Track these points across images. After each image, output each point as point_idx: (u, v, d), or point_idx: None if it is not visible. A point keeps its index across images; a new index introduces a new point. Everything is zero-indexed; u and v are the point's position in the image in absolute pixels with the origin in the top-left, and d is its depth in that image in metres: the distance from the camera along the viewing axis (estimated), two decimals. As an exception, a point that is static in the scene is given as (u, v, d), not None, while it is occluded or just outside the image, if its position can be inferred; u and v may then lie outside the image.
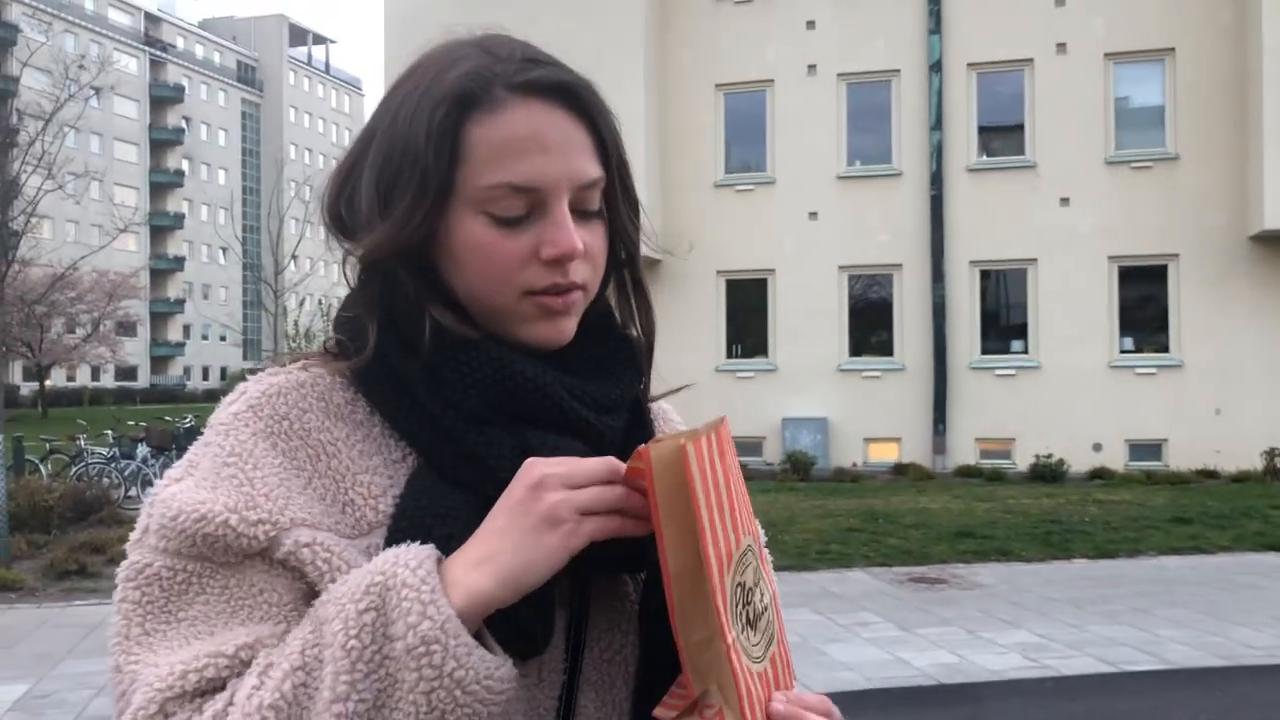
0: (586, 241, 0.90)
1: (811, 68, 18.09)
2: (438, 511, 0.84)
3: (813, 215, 18.03)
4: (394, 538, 0.83)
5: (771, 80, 18.24)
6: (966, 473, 16.57)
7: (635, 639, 0.91)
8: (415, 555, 0.78)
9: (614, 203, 0.94)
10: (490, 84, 0.88)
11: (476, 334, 0.90)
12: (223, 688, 0.80)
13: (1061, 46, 17.22)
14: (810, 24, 18.11)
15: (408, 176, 0.88)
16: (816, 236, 17.93)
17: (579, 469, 0.80)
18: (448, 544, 0.81)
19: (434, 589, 0.76)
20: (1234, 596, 8.74)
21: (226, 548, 0.83)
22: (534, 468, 0.80)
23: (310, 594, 0.83)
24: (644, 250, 1.04)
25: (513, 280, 0.89)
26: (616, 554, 0.86)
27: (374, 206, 0.90)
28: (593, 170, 0.90)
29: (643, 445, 0.78)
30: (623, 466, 0.80)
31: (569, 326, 0.92)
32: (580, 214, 0.90)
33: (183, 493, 0.84)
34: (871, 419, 17.55)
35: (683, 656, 0.78)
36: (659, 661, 0.86)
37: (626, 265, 1.00)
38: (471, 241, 0.88)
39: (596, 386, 0.93)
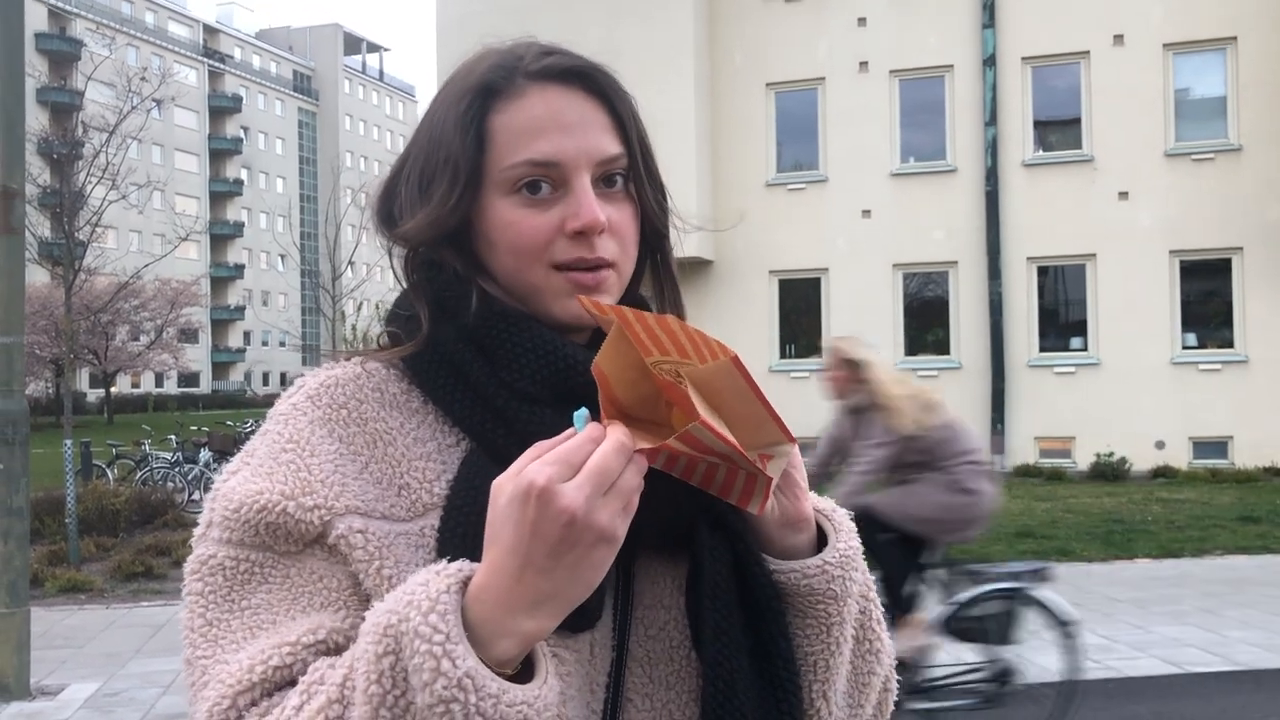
0: (612, 217, 0.93)
1: (863, 65, 17.96)
2: (487, 493, 0.84)
3: (866, 213, 17.89)
4: (449, 518, 0.86)
5: (823, 78, 18.13)
6: (1025, 472, 16.35)
7: (680, 616, 0.92)
8: (430, 593, 0.74)
9: (638, 181, 0.97)
10: (511, 75, 0.94)
11: (515, 307, 0.94)
12: (290, 678, 0.81)
13: (1119, 38, 16.93)
14: (862, 21, 17.97)
15: (441, 166, 0.94)
16: (870, 235, 17.79)
17: (603, 474, 0.75)
18: None
19: (448, 637, 0.73)
20: (1304, 597, 8.53)
21: (287, 535, 0.86)
22: (560, 495, 0.74)
23: (356, 584, 0.85)
24: (694, 251, 1.05)
25: (540, 254, 0.92)
26: (661, 533, 0.89)
27: (414, 197, 0.96)
28: (612, 147, 0.94)
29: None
30: (613, 434, 0.77)
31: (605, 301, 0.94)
32: (604, 192, 0.94)
33: (241, 484, 0.87)
34: (928, 418, 17.37)
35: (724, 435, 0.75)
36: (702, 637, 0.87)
37: (654, 245, 1.02)
38: (501, 221, 0.93)
39: None
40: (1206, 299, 16.79)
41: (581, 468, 0.75)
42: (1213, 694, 6.27)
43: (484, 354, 0.92)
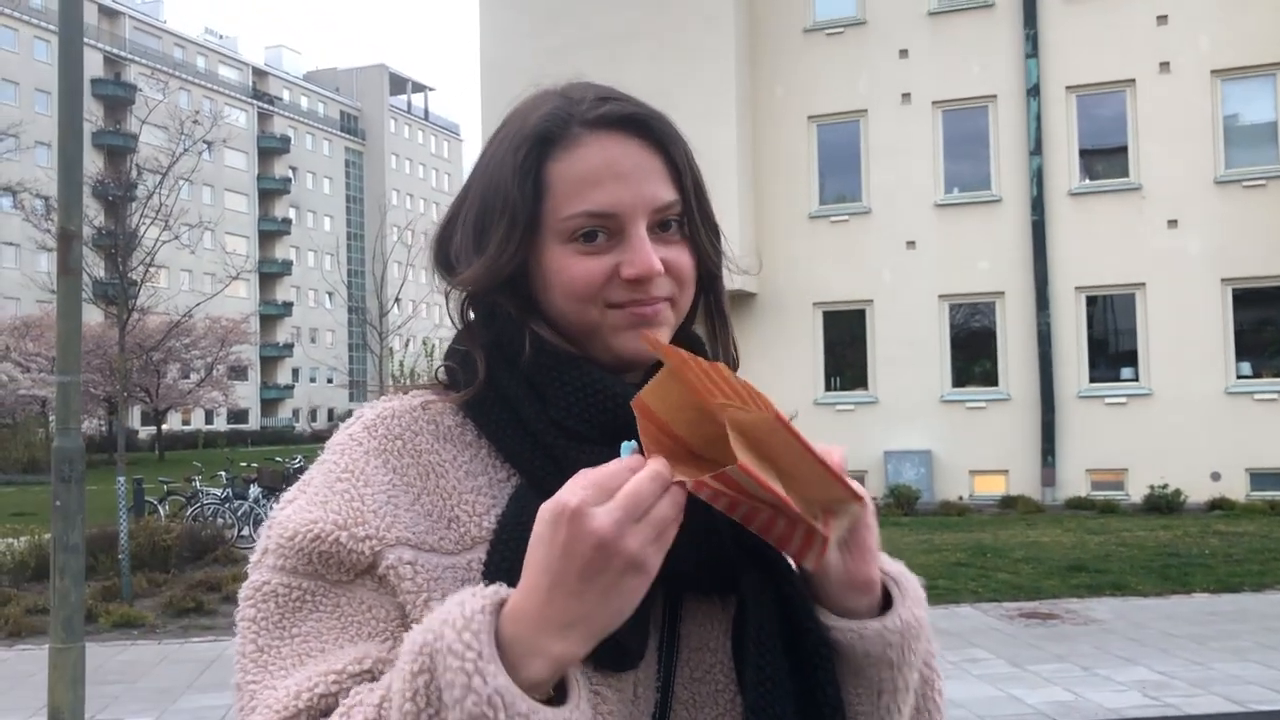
0: (668, 259, 0.95)
1: (906, 96, 17.94)
2: None
3: (910, 244, 17.81)
4: (496, 551, 0.88)
5: (865, 110, 18.13)
6: (1077, 505, 16.08)
7: (727, 660, 0.92)
8: (465, 612, 0.76)
9: (692, 225, 0.98)
10: (568, 123, 0.95)
11: (568, 349, 0.95)
12: (335, 706, 0.83)
13: (1165, 65, 16.79)
14: (903, 53, 17.97)
15: (499, 214, 0.95)
16: (915, 266, 17.69)
17: (635, 500, 0.76)
18: None
19: (480, 654, 0.74)
20: (1371, 632, 8.29)
21: (339, 564, 0.88)
22: (591, 518, 0.75)
23: (403, 615, 0.87)
24: (738, 284, 1.05)
25: (595, 296, 0.94)
26: (707, 576, 0.90)
27: (470, 243, 0.98)
28: (667, 194, 0.95)
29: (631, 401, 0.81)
30: (651, 464, 0.78)
31: (661, 338, 0.95)
32: (659, 236, 0.95)
33: (296, 513, 0.90)
34: (977, 451, 17.17)
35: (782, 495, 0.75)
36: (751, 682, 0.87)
37: (708, 285, 1.03)
38: (557, 267, 0.94)
39: None
40: (1260, 327, 16.50)
41: (616, 493, 0.76)
42: (1277, 733, 6.09)
43: (536, 393, 0.93)
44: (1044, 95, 17.28)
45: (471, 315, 1.01)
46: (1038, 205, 17.19)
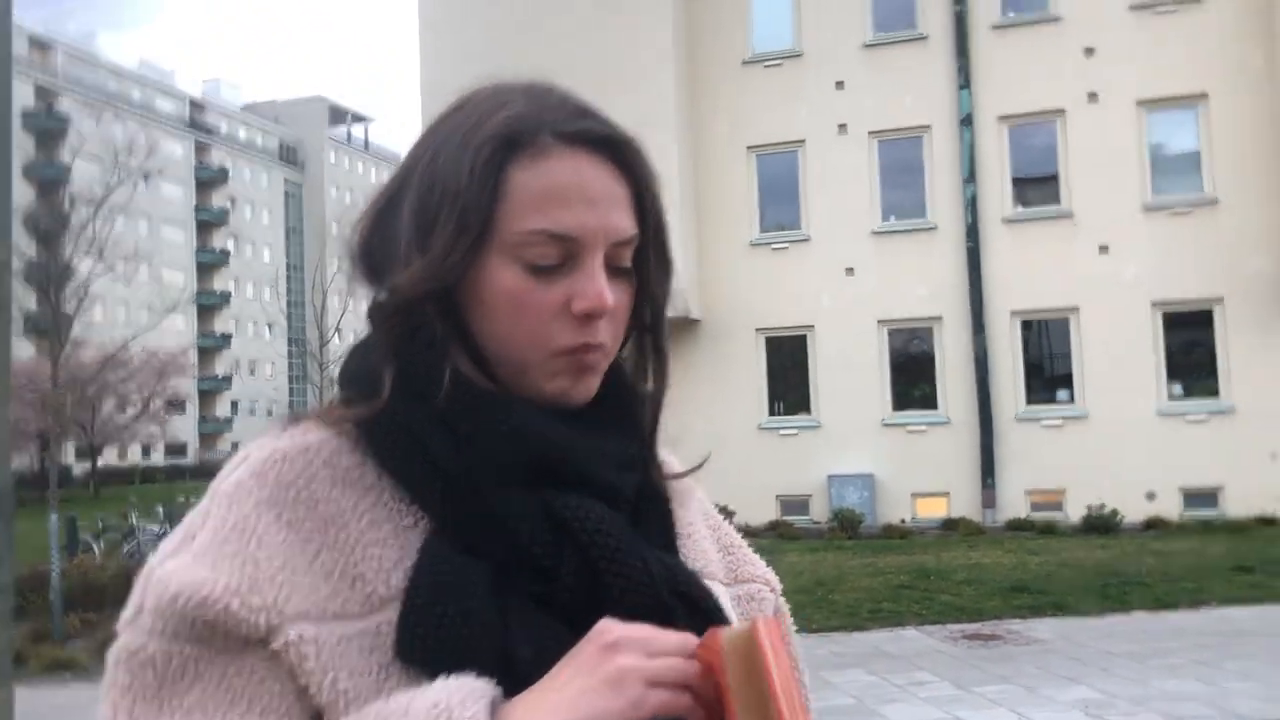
0: (615, 300, 0.88)
1: (842, 126, 18.23)
2: (453, 584, 0.79)
3: (849, 271, 18.03)
4: (408, 615, 0.79)
5: (803, 140, 18.39)
6: (1017, 526, 16.31)
7: None
8: (468, 696, 0.73)
9: (645, 263, 0.92)
10: (538, 129, 0.86)
11: (494, 387, 0.87)
12: None
13: (1093, 96, 17.23)
14: (840, 84, 18.27)
15: (448, 213, 0.85)
16: (854, 292, 17.91)
17: (658, 638, 0.75)
18: (466, 620, 0.78)
19: None
20: (1301, 646, 8.49)
21: (228, 633, 0.77)
22: (610, 630, 0.75)
23: (302, 694, 0.78)
24: (684, 311, 1.03)
25: (542, 333, 0.86)
26: None
27: (412, 242, 0.87)
28: (629, 227, 0.88)
29: (712, 629, 0.76)
30: (693, 640, 0.76)
31: (593, 385, 0.90)
32: (611, 271, 0.88)
33: (181, 570, 0.79)
34: (918, 474, 17.37)
35: None
36: None
37: (650, 329, 0.96)
38: (502, 287, 0.86)
39: (614, 444, 0.90)
40: (1190, 349, 16.90)
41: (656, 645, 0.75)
42: (1214, 748, 6.20)
43: (451, 432, 0.84)
44: (977, 125, 17.65)
45: (384, 326, 0.88)
46: (973, 232, 17.52)
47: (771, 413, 18.37)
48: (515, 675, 0.76)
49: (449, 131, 0.89)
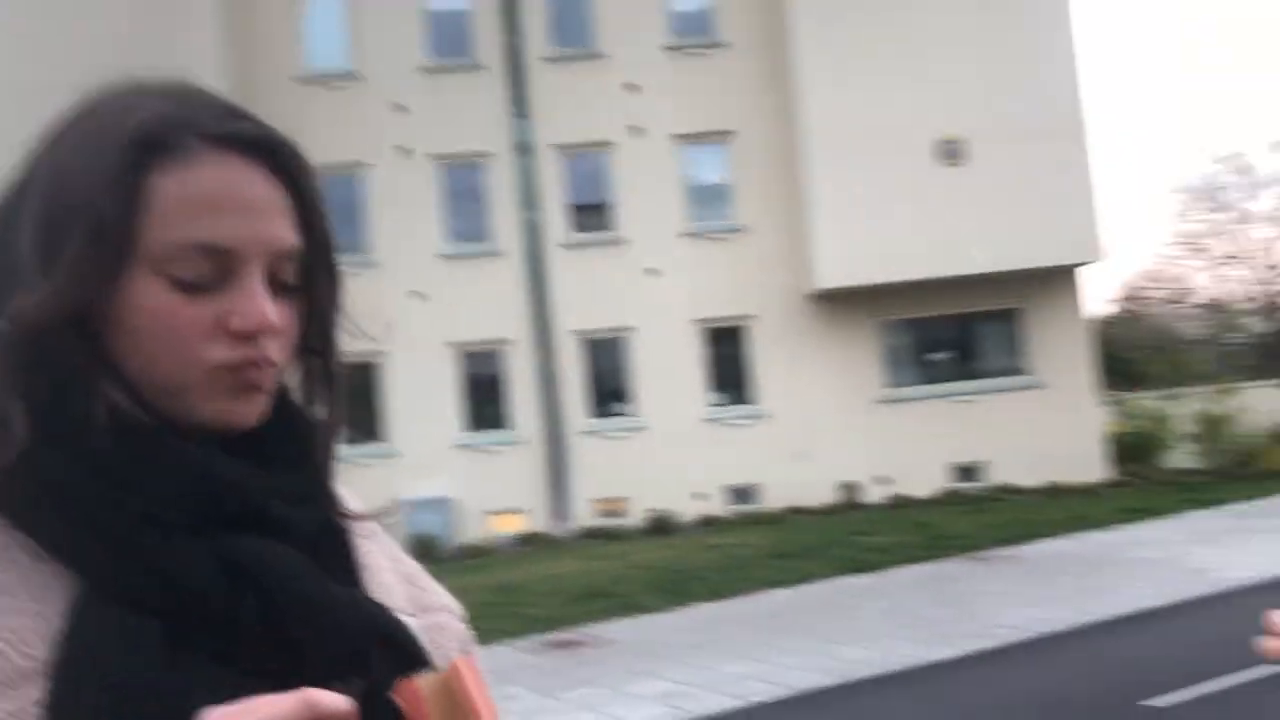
0: (280, 317, 0.81)
1: (402, 149, 18.21)
2: (115, 648, 0.70)
3: (415, 294, 18.03)
4: (62, 686, 0.69)
5: (361, 163, 18.14)
6: (588, 535, 17.12)
7: None
8: None
9: (312, 278, 0.85)
10: (183, 131, 0.79)
11: (149, 420, 0.77)
12: None
13: (635, 129, 18.54)
14: (400, 107, 18.25)
15: (77, 227, 0.75)
16: (423, 315, 17.93)
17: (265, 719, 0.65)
18: (131, 688, 0.69)
19: None
20: (834, 618, 9.66)
21: None
22: None
23: None
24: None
25: (194, 353, 0.77)
26: (335, 662, 0.77)
27: (34, 261, 0.76)
28: (291, 238, 0.82)
29: (407, 681, 0.73)
30: (316, 696, 0.67)
31: (258, 406, 0.82)
32: (275, 287, 0.81)
33: None
34: (493, 493, 17.69)
35: None
36: None
37: (320, 351, 0.90)
38: (148, 306, 0.76)
39: (288, 478, 0.84)
40: (726, 361, 18.66)
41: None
42: None
43: (102, 476, 0.74)
44: (534, 153, 18.38)
45: (7, 360, 0.76)
46: (534, 257, 18.20)
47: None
48: None
49: (77, 136, 0.79)
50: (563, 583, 12.71)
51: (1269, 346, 33.05)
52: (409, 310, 17.93)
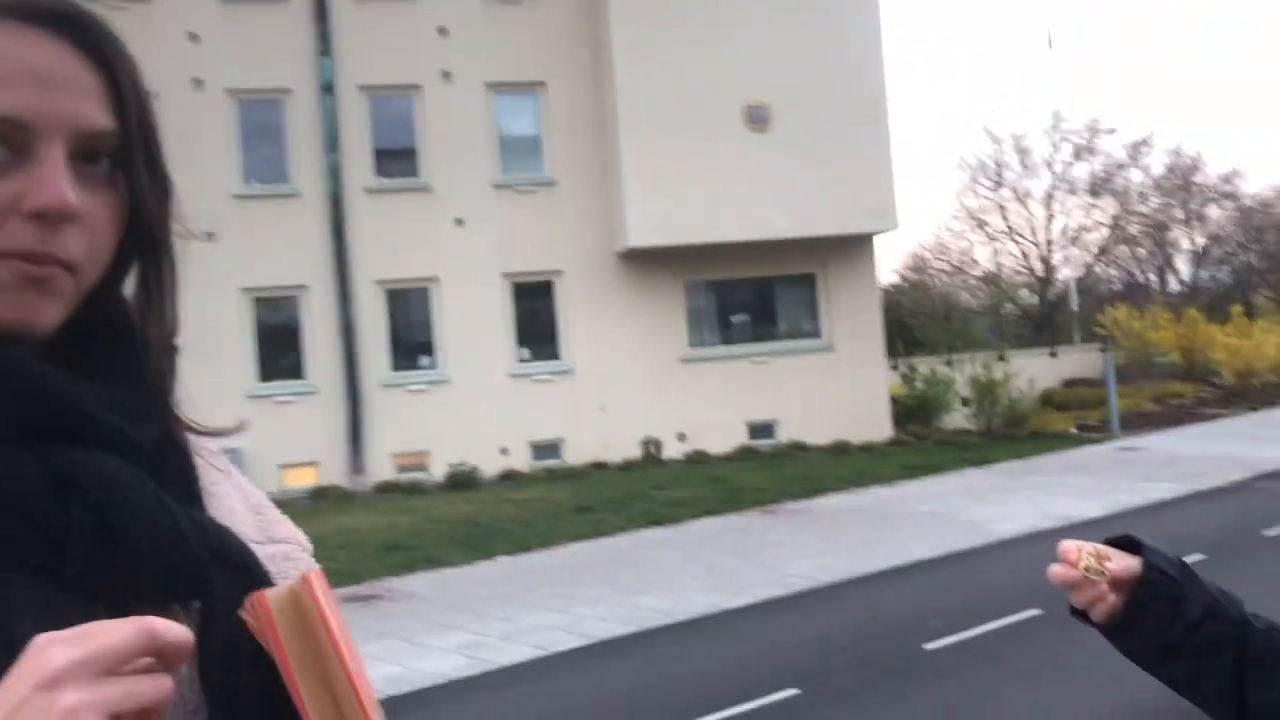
0: (86, 207, 0.75)
1: (198, 82, 17.19)
2: None
3: (210, 237, 17.11)
4: None
5: (149, 92, 17.00)
6: (387, 489, 16.81)
7: (192, 673, 0.75)
8: None
9: (132, 169, 0.80)
10: None
11: None
12: None
13: (447, 75, 18.11)
14: (193, 36, 17.20)
15: None
16: (217, 260, 17.03)
17: (103, 649, 0.60)
18: None
19: None
20: (634, 570, 9.85)
21: None
22: (46, 659, 0.59)
23: None
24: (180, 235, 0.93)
25: None
26: (169, 584, 0.74)
27: None
28: (102, 120, 0.76)
29: (257, 593, 0.70)
30: (157, 625, 0.63)
31: (52, 309, 0.76)
32: (82, 170, 0.76)
33: None
34: (286, 445, 17.08)
35: None
36: None
37: (149, 248, 0.85)
38: None
39: (125, 393, 0.80)
40: (534, 317, 18.60)
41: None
42: (575, 668, 6.98)
43: None
44: (339, 93, 17.69)
45: None
46: (336, 201, 17.58)
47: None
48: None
49: None
50: (360, 537, 12.45)
51: (1039, 317, 35.55)
52: (199, 252, 16.68)
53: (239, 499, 0.96)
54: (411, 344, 18.25)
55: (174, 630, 0.63)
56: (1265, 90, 62.40)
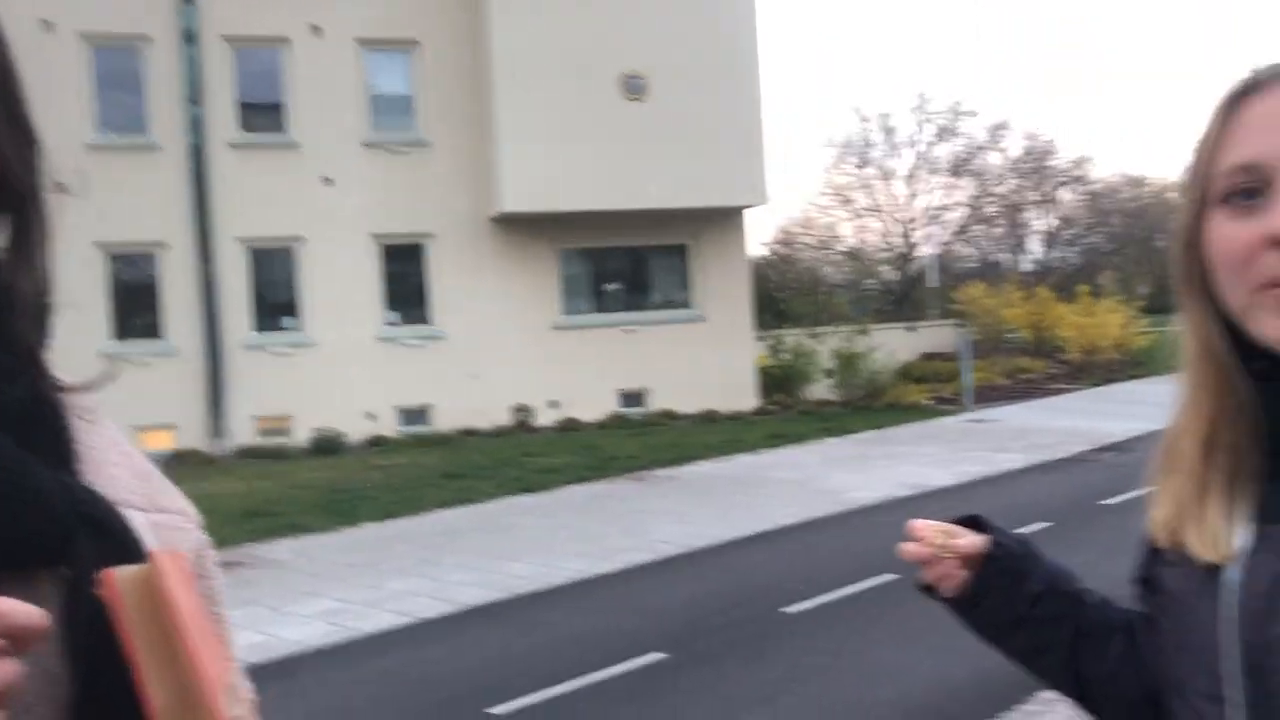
0: None
1: (47, 24, 16.28)
2: None
3: (56, 186, 16.27)
4: None
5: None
6: (248, 453, 16.38)
7: (56, 644, 0.71)
8: None
9: None
10: None
11: None
12: None
13: (317, 29, 17.58)
14: (42, -26, 16.27)
15: None
16: (65, 211, 16.24)
17: None
18: None
19: None
20: (503, 537, 9.87)
21: None
22: None
23: None
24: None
25: None
26: (30, 549, 0.72)
27: None
28: None
29: (107, 570, 0.68)
30: (4, 606, 0.61)
31: None
32: None
33: None
34: (142, 407, 16.45)
35: None
36: None
37: (14, 205, 0.82)
38: None
39: None
40: (404, 279, 18.31)
41: None
42: (443, 635, 6.98)
43: None
44: (202, 43, 17.00)
45: None
46: (197, 154, 16.94)
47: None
48: None
49: None
50: (220, 502, 12.11)
51: (899, 293, 36.67)
52: (50, 203, 16.19)
53: (123, 465, 0.93)
54: (275, 304, 17.76)
55: (23, 611, 0.61)
56: (1118, 82, 65.46)
